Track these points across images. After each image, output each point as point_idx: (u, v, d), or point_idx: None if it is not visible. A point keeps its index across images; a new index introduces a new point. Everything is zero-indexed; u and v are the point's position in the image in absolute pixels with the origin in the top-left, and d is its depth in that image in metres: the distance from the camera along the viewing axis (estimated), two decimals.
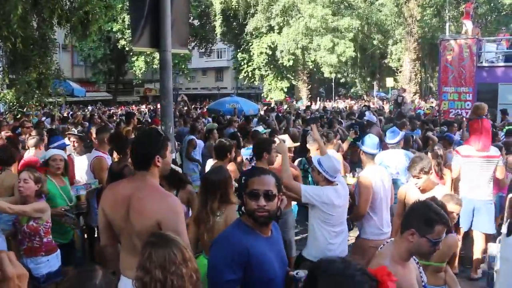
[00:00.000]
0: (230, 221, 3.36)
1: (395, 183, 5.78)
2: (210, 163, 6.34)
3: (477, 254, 6.40)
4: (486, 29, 35.83)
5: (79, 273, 1.93)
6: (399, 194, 5.20)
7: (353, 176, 6.55)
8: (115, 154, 6.31)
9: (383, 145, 6.92)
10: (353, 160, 8.22)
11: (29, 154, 6.65)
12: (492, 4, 37.97)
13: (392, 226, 5.04)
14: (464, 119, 12.99)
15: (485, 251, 6.15)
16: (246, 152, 6.70)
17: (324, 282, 1.60)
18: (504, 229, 5.95)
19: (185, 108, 14.10)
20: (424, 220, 2.70)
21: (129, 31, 31.16)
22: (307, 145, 6.52)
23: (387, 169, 5.95)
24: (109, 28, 34.70)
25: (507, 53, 18.28)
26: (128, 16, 29.77)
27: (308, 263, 4.03)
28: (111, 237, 3.23)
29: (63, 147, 6.47)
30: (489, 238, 6.56)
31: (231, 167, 5.53)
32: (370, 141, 5.08)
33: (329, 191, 4.24)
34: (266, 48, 37.40)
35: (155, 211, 2.94)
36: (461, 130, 10.13)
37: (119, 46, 36.97)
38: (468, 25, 18.20)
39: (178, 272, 2.26)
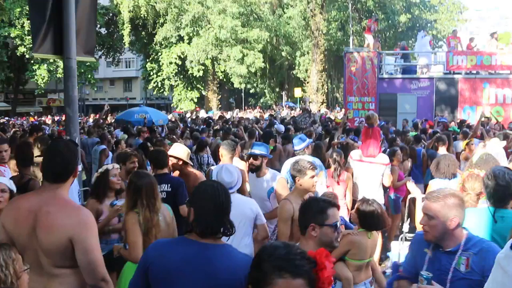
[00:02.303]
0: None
1: None
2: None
3: (376, 252, 6.75)
4: (385, 44, 38.17)
5: None
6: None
7: None
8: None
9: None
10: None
11: None
12: (390, 21, 40.50)
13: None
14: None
15: (388, 249, 6.52)
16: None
17: (268, 265, 1.75)
18: (405, 228, 6.35)
19: (102, 118, 13.52)
20: (316, 211, 2.83)
21: (30, 37, 29.55)
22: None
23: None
24: (6, 34, 32.64)
25: (404, 66, 19.63)
26: (28, 21, 28.24)
27: None
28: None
29: None
30: (392, 237, 6.97)
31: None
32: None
33: None
34: (176, 58, 37.08)
35: (66, 226, 2.74)
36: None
37: (18, 53, 34.81)
38: (369, 39, 19.26)
39: None
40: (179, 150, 5.77)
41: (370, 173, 6.79)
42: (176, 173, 5.71)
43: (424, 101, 17.84)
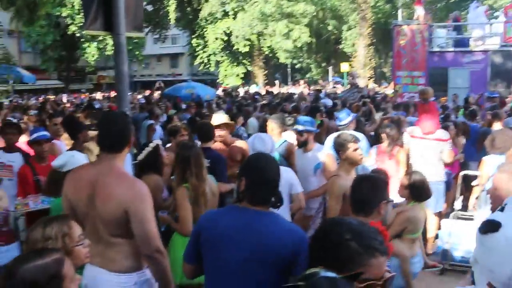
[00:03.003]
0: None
1: None
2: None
3: (430, 231, 6.62)
4: (436, 16, 36.76)
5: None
6: None
7: None
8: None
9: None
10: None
11: None
12: None
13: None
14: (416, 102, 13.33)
15: (439, 227, 6.39)
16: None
17: (355, 245, 1.67)
18: (457, 206, 6.20)
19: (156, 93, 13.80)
20: (383, 186, 2.90)
21: (80, 16, 30.23)
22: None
23: None
24: (58, 13, 33.46)
25: (456, 39, 18.84)
26: (78, 0, 28.85)
27: None
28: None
29: (44, 138, 5.57)
30: (442, 215, 6.81)
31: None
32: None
33: None
34: (221, 34, 37.04)
35: (122, 198, 2.81)
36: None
37: (69, 32, 35.71)
38: (419, 11, 18.56)
39: None
40: (219, 117, 5.77)
41: (428, 150, 6.55)
42: (219, 145, 5.69)
43: (478, 76, 17.05)
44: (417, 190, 4.07)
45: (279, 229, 2.45)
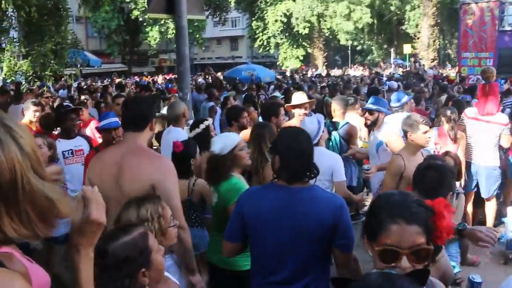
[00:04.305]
0: None
1: None
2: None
3: (489, 217, 6.40)
4: None
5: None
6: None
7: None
8: None
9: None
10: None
11: None
12: None
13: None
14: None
15: (504, 215, 6.13)
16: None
17: (382, 211, 1.69)
18: None
19: (209, 77, 13.93)
20: (453, 177, 2.83)
21: (142, 1, 30.90)
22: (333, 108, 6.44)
23: None
24: None
25: None
26: None
27: None
28: None
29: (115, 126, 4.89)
30: (508, 202, 6.54)
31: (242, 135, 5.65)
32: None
33: None
34: (281, 16, 36.86)
35: (149, 173, 2.81)
36: None
37: (132, 17, 36.65)
38: None
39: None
40: (301, 97, 5.80)
41: (486, 133, 6.26)
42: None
43: None
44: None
45: (318, 205, 2.48)
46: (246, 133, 4.98)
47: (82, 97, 9.86)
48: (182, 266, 2.99)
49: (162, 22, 34.74)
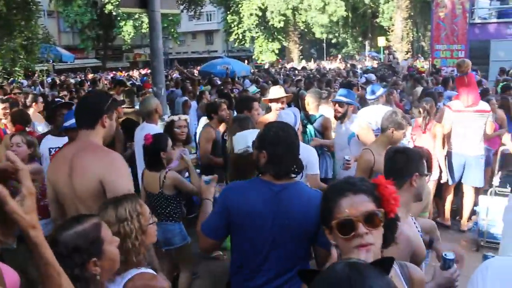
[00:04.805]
0: None
1: None
2: (202, 122, 6.49)
3: (467, 207, 6.54)
4: None
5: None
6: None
7: None
8: None
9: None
10: None
11: None
12: None
13: None
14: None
15: (476, 203, 6.27)
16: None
17: (332, 192, 1.82)
18: (495, 182, 6.06)
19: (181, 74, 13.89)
20: (418, 159, 2.74)
21: None
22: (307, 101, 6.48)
23: (369, 125, 5.95)
24: None
25: (500, 9, 18.11)
26: None
27: None
28: (60, 208, 2.97)
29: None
30: (480, 191, 6.68)
31: (222, 127, 5.64)
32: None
33: None
34: (256, 10, 36.79)
35: (95, 169, 2.74)
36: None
37: (106, 11, 36.15)
38: None
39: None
40: (278, 91, 5.75)
41: (473, 122, 6.37)
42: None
43: None
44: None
45: (304, 202, 2.46)
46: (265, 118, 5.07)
47: (61, 94, 9.72)
48: None
49: (137, 16, 34.40)
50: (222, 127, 5.72)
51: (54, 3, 11.63)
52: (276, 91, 5.76)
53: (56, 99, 5.92)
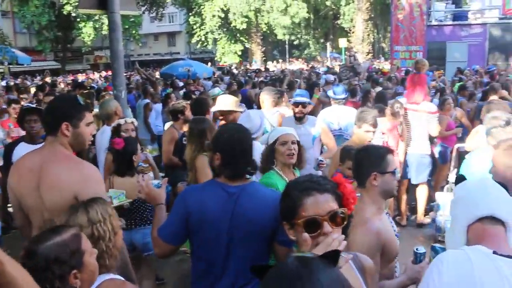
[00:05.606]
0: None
1: (338, 138, 5.89)
2: (167, 125, 6.41)
3: (420, 202, 6.74)
4: None
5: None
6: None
7: None
8: None
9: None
10: None
11: None
12: None
13: None
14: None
15: (433, 199, 6.46)
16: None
17: (295, 191, 1.87)
18: (451, 178, 6.24)
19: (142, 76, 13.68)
20: (376, 158, 2.71)
21: None
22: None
23: (330, 125, 6.04)
24: None
25: (455, 12, 18.68)
26: None
27: None
28: (26, 217, 2.79)
29: None
30: (437, 187, 6.88)
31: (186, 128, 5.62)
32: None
33: None
34: (219, 11, 36.74)
35: (69, 183, 2.58)
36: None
37: (64, 12, 35.29)
38: None
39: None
40: (225, 102, 5.37)
41: (414, 120, 6.58)
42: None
43: (476, 49, 17.01)
44: None
45: (260, 202, 2.48)
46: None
47: (21, 96, 9.47)
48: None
49: (97, 17, 33.77)
50: (185, 128, 5.70)
51: (8, 3, 11.15)
52: (227, 102, 5.35)
53: (25, 105, 5.74)
